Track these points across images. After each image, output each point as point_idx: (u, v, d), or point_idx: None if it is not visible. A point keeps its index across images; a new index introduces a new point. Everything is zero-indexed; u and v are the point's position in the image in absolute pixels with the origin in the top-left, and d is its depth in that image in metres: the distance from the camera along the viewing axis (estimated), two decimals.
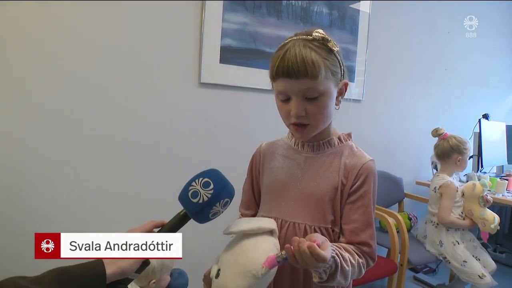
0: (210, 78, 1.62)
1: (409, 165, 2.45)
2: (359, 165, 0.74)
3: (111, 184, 1.48)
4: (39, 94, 1.32)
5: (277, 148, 0.86)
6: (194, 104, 1.62)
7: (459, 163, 1.83)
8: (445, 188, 1.79)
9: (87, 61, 1.38)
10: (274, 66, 0.69)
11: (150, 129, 1.53)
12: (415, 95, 2.42)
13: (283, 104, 0.72)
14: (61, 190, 1.38)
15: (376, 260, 0.75)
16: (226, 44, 1.62)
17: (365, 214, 0.73)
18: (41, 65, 1.31)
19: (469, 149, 1.85)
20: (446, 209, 1.77)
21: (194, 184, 0.64)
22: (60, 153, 1.37)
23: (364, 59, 2.08)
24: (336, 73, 0.72)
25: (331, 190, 0.74)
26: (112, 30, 1.41)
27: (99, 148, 1.44)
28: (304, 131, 0.73)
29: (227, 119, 1.71)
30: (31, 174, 1.33)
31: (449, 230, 1.79)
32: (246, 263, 0.64)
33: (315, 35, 0.70)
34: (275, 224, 0.72)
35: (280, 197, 0.79)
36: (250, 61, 1.69)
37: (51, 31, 1.31)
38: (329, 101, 0.71)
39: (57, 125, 1.36)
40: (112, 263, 0.57)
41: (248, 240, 0.68)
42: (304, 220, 0.75)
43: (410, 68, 2.36)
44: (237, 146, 1.73)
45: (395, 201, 2.23)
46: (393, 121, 2.33)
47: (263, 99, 1.75)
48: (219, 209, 0.65)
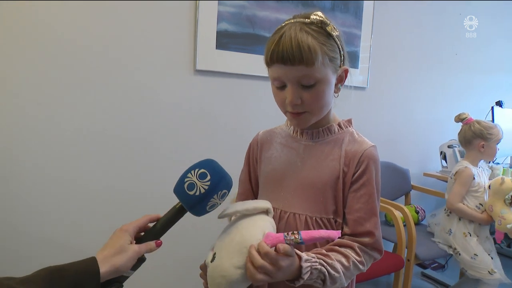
0: (206, 65, 1.62)
1: (416, 156, 2.46)
2: (360, 152, 0.75)
3: (103, 177, 1.49)
4: (29, 87, 1.33)
5: (275, 136, 0.87)
6: (189, 93, 1.62)
7: (484, 150, 1.80)
8: (460, 173, 1.78)
9: (76, 51, 1.38)
10: (268, 51, 0.69)
11: (142, 120, 1.54)
12: (423, 82, 2.42)
13: (279, 91, 0.73)
14: (51, 185, 1.40)
15: (383, 252, 0.76)
16: (222, 29, 1.62)
17: (369, 203, 0.74)
18: (29, 57, 1.31)
19: (496, 134, 1.80)
20: (456, 194, 1.77)
21: (190, 176, 0.64)
22: (51, 146, 1.38)
23: (368, 44, 2.08)
24: (335, 59, 0.71)
25: (332, 179, 0.75)
26: (99, 15, 1.41)
27: (90, 141, 1.45)
28: (301, 117, 0.74)
29: (224, 108, 1.71)
30: (19, 169, 1.35)
31: (461, 219, 1.79)
32: (242, 240, 0.65)
33: (313, 18, 0.69)
34: (270, 204, 0.73)
35: (279, 187, 0.80)
36: (248, 47, 1.69)
37: (39, 22, 1.31)
38: (327, 89, 0.71)
39: (46, 117, 1.36)
40: (106, 260, 0.57)
41: (244, 220, 0.70)
42: (305, 211, 0.76)
43: (418, 54, 2.35)
44: (235, 137, 1.73)
45: (401, 193, 2.24)
46: (399, 110, 2.34)
47: (262, 87, 1.75)
48: (217, 201, 0.65)
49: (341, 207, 0.76)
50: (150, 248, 0.65)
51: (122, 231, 0.63)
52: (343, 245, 0.73)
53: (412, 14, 2.28)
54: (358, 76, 2.10)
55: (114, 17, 1.44)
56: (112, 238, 0.62)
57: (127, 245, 0.61)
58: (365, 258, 0.73)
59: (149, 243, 0.65)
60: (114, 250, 0.59)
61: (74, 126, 1.42)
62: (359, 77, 2.11)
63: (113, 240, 0.62)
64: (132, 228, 0.64)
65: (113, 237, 0.63)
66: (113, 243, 0.61)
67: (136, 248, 0.62)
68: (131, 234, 0.64)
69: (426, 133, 2.46)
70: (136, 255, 0.62)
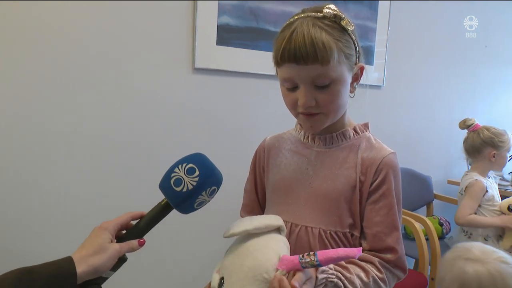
0: (206, 62, 1.60)
1: (439, 161, 2.42)
2: (379, 159, 0.74)
3: (99, 177, 1.49)
4: (15, 86, 1.33)
5: (283, 142, 0.86)
6: (188, 92, 1.61)
7: (495, 160, 1.77)
8: (471, 187, 1.75)
9: (68, 48, 1.39)
10: (279, 49, 0.68)
11: (138, 121, 1.53)
12: (446, 80, 2.37)
13: (289, 92, 0.72)
14: (51, 186, 1.41)
15: (407, 271, 0.75)
16: (223, 23, 1.61)
17: (389, 216, 0.73)
18: (18, 55, 1.32)
19: (507, 142, 1.77)
20: (465, 207, 1.72)
21: (177, 171, 0.64)
22: (47, 146, 1.39)
23: (385, 38, 2.06)
24: (351, 56, 0.71)
25: (348, 189, 0.74)
26: (93, 10, 1.40)
27: (84, 141, 1.45)
28: (315, 119, 0.72)
29: (225, 109, 1.70)
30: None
31: (487, 240, 1.73)
32: (255, 265, 0.63)
33: (326, 11, 0.69)
34: (282, 221, 0.72)
35: (289, 198, 0.79)
36: (252, 42, 1.67)
37: (35, 20, 1.32)
38: (343, 89, 0.71)
39: (40, 116, 1.37)
40: (83, 260, 0.56)
41: (254, 240, 0.67)
42: (318, 224, 0.75)
43: (440, 47, 2.30)
44: (237, 141, 1.72)
45: (422, 203, 2.21)
46: (419, 110, 2.30)
47: (266, 86, 1.73)
48: (205, 198, 0.65)
49: (358, 219, 0.75)
50: (132, 247, 0.64)
51: (101, 229, 0.62)
52: (362, 259, 0.72)
53: (434, 3, 2.23)
54: (373, 73, 2.07)
55: (105, 11, 1.43)
56: (91, 236, 0.61)
57: (107, 244, 0.60)
58: (387, 276, 0.72)
59: (131, 242, 0.64)
60: (93, 249, 0.58)
61: (68, 125, 1.42)
62: (374, 74, 2.08)
63: (91, 238, 0.61)
64: (112, 226, 0.64)
65: (91, 235, 0.62)
66: (91, 242, 0.60)
67: (117, 247, 0.61)
68: (112, 232, 0.63)
69: (450, 135, 2.39)
70: (117, 255, 0.61)
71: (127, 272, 0.74)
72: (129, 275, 1.52)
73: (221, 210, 1.32)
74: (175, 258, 1.66)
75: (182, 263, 1.67)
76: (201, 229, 1.66)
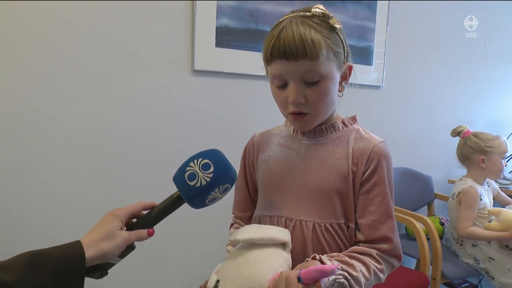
0: (205, 64, 1.62)
1: (439, 161, 2.42)
2: (369, 149, 0.75)
3: (98, 178, 1.49)
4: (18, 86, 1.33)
5: (272, 137, 0.87)
6: (187, 94, 1.62)
7: (486, 166, 1.75)
8: (464, 194, 1.72)
9: (67, 50, 1.39)
10: (268, 47, 0.70)
11: (138, 123, 1.54)
12: (446, 80, 2.38)
13: (280, 91, 0.74)
14: (36, 186, 1.40)
15: (402, 258, 0.76)
16: (222, 25, 1.62)
17: (383, 204, 0.74)
18: (31, 57, 1.33)
19: (497, 147, 1.74)
20: (465, 219, 1.70)
21: (192, 165, 0.65)
22: (45, 146, 1.39)
23: (383, 38, 2.07)
24: (339, 54, 0.73)
25: (340, 181, 0.75)
26: (92, 12, 1.41)
27: (83, 143, 1.45)
28: (304, 119, 0.74)
29: (225, 111, 1.71)
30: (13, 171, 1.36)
31: (475, 246, 1.75)
32: (251, 276, 0.63)
33: (315, 11, 0.71)
34: (289, 236, 0.72)
35: (280, 193, 0.80)
36: (251, 44, 1.68)
37: (27, 17, 1.31)
38: (331, 86, 0.73)
39: (40, 117, 1.37)
40: (93, 245, 0.58)
41: (256, 251, 0.67)
42: (312, 217, 0.76)
43: (440, 48, 2.31)
44: (237, 143, 1.70)
45: (423, 203, 2.20)
46: (419, 110, 2.31)
47: (266, 88, 1.71)
48: (217, 195, 0.66)
49: (352, 210, 0.76)
50: (141, 236, 0.65)
51: (112, 215, 0.64)
52: (361, 252, 0.73)
53: (434, 3, 2.24)
54: (372, 74, 2.09)
55: (103, 12, 1.44)
56: (101, 222, 0.63)
57: (116, 231, 0.61)
58: (385, 266, 0.74)
59: (141, 231, 0.65)
60: (103, 234, 0.60)
61: (68, 127, 1.43)
62: (373, 75, 2.09)
63: (102, 224, 0.62)
64: (124, 213, 0.65)
65: (102, 221, 0.63)
66: (101, 227, 0.61)
67: (126, 235, 0.62)
68: (122, 219, 0.64)
69: (450, 136, 2.40)
70: (125, 242, 0.62)
71: (127, 272, 0.74)
72: (129, 275, 1.53)
73: (221, 210, 1.32)
74: (175, 257, 1.67)
75: (182, 263, 1.68)
76: (201, 229, 1.68)
